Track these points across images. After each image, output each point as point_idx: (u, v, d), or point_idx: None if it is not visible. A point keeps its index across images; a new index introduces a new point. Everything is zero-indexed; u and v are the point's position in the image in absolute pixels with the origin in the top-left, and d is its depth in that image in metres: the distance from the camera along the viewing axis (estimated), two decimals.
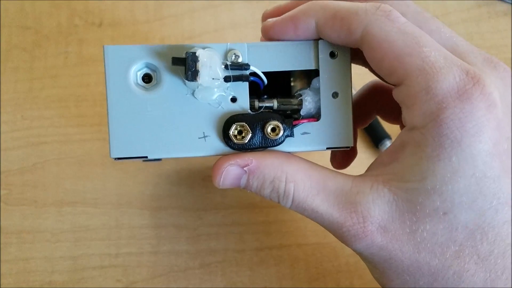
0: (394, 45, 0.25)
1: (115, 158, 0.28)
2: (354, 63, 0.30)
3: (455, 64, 0.25)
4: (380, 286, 0.30)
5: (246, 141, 0.28)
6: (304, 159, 0.28)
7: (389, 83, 0.27)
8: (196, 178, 0.44)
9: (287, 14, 0.29)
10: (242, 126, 0.28)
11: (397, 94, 0.27)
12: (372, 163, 0.29)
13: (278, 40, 0.29)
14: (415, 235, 0.26)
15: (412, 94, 0.25)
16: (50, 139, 0.45)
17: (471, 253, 0.25)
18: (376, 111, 0.36)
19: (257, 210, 0.43)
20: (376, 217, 0.26)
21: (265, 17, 0.32)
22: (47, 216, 0.42)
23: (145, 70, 0.28)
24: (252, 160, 0.27)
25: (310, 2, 0.28)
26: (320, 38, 0.28)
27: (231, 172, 0.27)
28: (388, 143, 0.45)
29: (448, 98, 0.24)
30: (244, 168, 0.27)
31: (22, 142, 0.44)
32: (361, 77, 0.36)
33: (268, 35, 0.29)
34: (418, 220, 0.26)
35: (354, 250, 0.28)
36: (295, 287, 0.41)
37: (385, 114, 0.36)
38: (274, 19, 0.29)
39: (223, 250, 0.42)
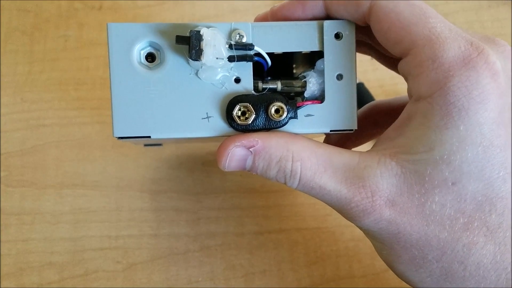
0: (401, 16, 0.26)
1: (118, 137, 0.28)
2: (358, 51, 0.30)
3: (459, 35, 0.25)
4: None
5: (250, 122, 0.28)
6: (308, 138, 0.28)
7: (395, 58, 0.27)
8: (196, 162, 0.44)
9: None
10: (246, 107, 0.28)
11: (403, 66, 0.27)
12: (378, 139, 0.29)
13: (287, 19, 0.29)
14: (424, 208, 0.26)
15: (418, 63, 0.25)
16: (50, 121, 0.44)
17: (480, 225, 0.25)
18: (375, 129, 0.37)
19: (257, 194, 0.43)
20: (384, 190, 0.26)
21: (257, 20, 0.32)
22: (47, 198, 0.42)
23: (149, 49, 0.28)
24: (258, 140, 0.27)
25: None
26: (327, 18, 0.29)
27: (237, 153, 0.27)
28: None
29: (455, 66, 0.24)
30: (250, 149, 0.27)
31: (22, 124, 0.44)
32: (362, 64, 0.36)
33: (277, 18, 0.29)
34: (426, 192, 0.25)
35: (362, 227, 0.28)
36: (294, 271, 0.41)
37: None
38: (281, 2, 0.29)
39: (222, 234, 0.42)
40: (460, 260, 0.26)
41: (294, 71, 0.33)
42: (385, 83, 0.47)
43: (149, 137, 0.28)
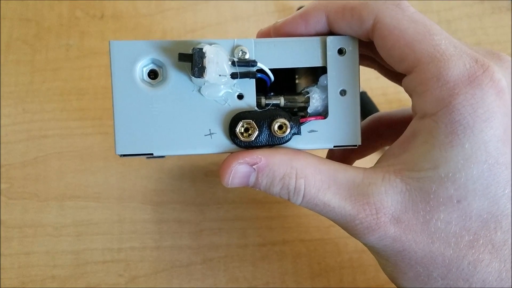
0: (406, 33, 0.25)
1: (121, 155, 0.28)
2: (361, 64, 0.30)
3: (464, 52, 0.25)
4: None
5: (253, 139, 0.27)
6: (312, 154, 0.28)
7: (399, 72, 0.27)
8: (199, 173, 0.44)
9: (297, 12, 0.29)
10: (249, 123, 0.28)
11: (407, 83, 0.27)
12: (382, 155, 0.28)
13: (290, 35, 0.29)
14: (429, 225, 0.26)
15: (423, 81, 0.25)
16: (52, 132, 0.44)
17: (486, 242, 0.25)
18: (379, 141, 0.37)
19: (260, 205, 0.43)
20: (389, 208, 0.26)
21: (259, 35, 0.32)
22: (49, 210, 0.42)
23: (151, 66, 0.28)
24: (261, 158, 0.27)
25: None
26: (330, 34, 0.28)
27: (240, 170, 0.27)
28: None
29: (460, 84, 0.24)
30: (253, 166, 0.27)
31: (24, 135, 0.44)
32: (365, 72, 0.36)
33: (279, 33, 0.29)
34: (431, 209, 0.25)
35: (366, 244, 0.28)
36: (297, 283, 0.41)
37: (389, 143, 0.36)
38: (284, 18, 0.29)
39: (225, 246, 0.42)
40: (466, 277, 0.26)
41: (297, 81, 0.33)
42: (388, 92, 0.47)
43: (152, 154, 0.28)
